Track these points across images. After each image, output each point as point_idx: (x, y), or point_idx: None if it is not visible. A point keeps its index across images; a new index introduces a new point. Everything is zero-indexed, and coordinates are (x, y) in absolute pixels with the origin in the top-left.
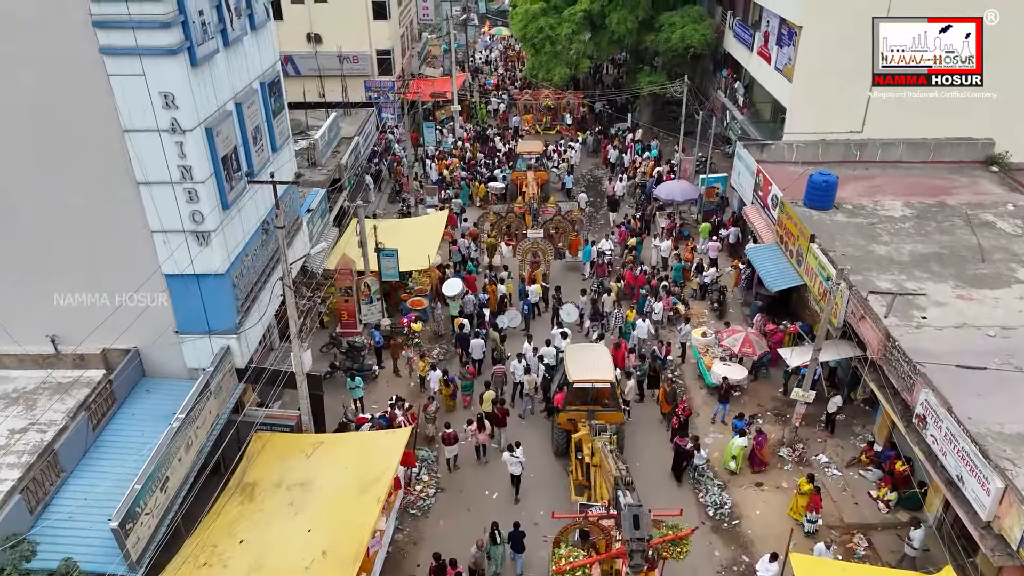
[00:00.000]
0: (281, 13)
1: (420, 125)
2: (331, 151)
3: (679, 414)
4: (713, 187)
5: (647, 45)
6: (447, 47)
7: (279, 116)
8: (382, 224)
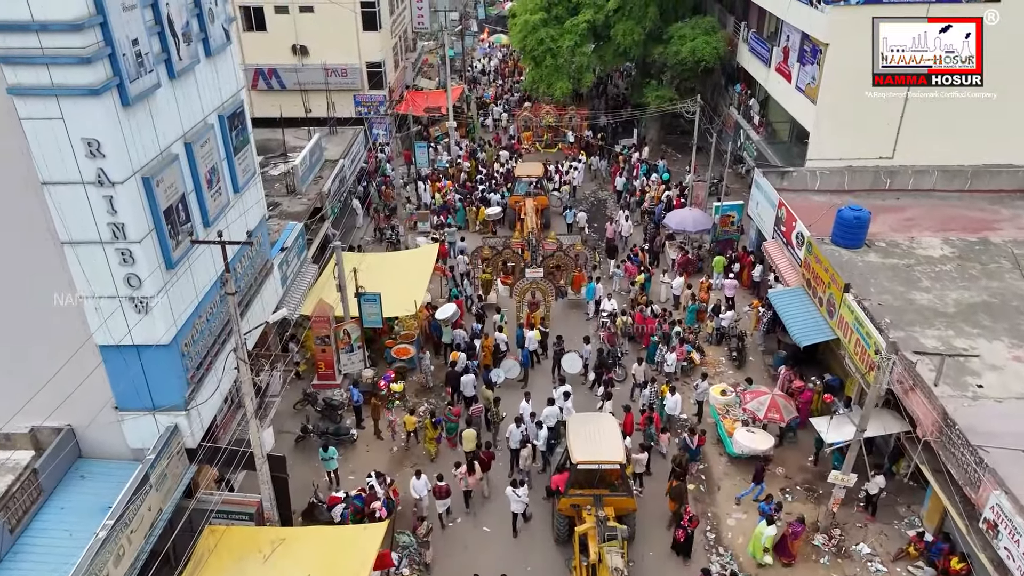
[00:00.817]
0: (264, 24)
1: (412, 143)
2: (313, 176)
3: (685, 527)
4: (728, 215)
5: (655, 58)
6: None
7: (242, 152)
8: (367, 259)
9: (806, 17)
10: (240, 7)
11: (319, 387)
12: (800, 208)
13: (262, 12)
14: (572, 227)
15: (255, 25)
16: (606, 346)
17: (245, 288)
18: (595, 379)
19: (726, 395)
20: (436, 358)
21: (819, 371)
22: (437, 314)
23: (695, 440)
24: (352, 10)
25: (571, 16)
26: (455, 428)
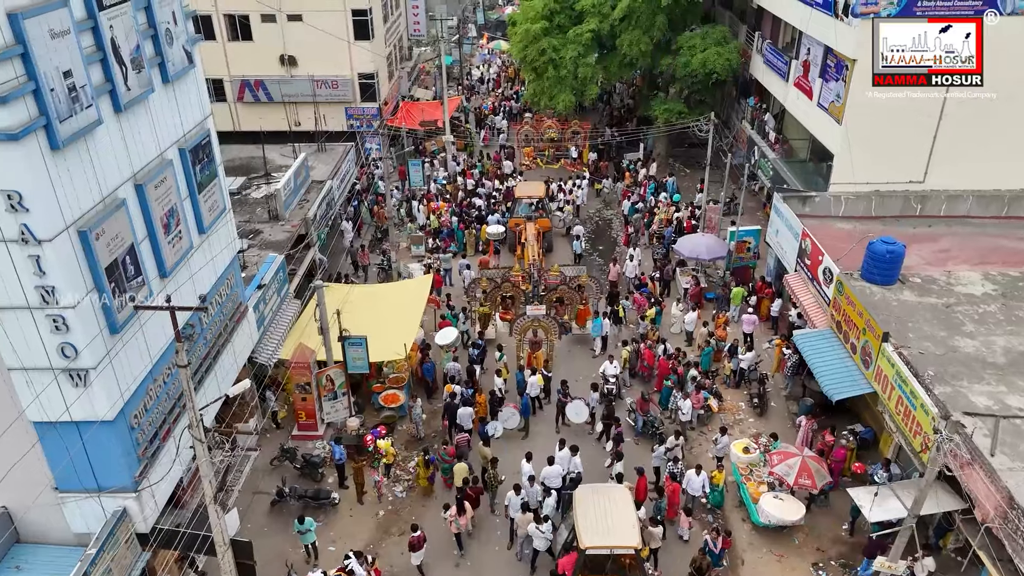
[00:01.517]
0: (250, 33)
1: (406, 161)
2: (298, 200)
3: None
4: (744, 241)
5: (663, 69)
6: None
7: (209, 187)
8: (355, 292)
9: (830, 30)
10: (225, 15)
11: (299, 438)
12: (824, 237)
13: (248, 21)
14: (580, 258)
15: (240, 35)
16: (639, 415)
17: (212, 339)
18: (603, 431)
19: (749, 452)
20: (428, 402)
21: (848, 419)
22: (437, 339)
23: (719, 542)
24: (343, 19)
25: (574, 25)
26: (449, 468)
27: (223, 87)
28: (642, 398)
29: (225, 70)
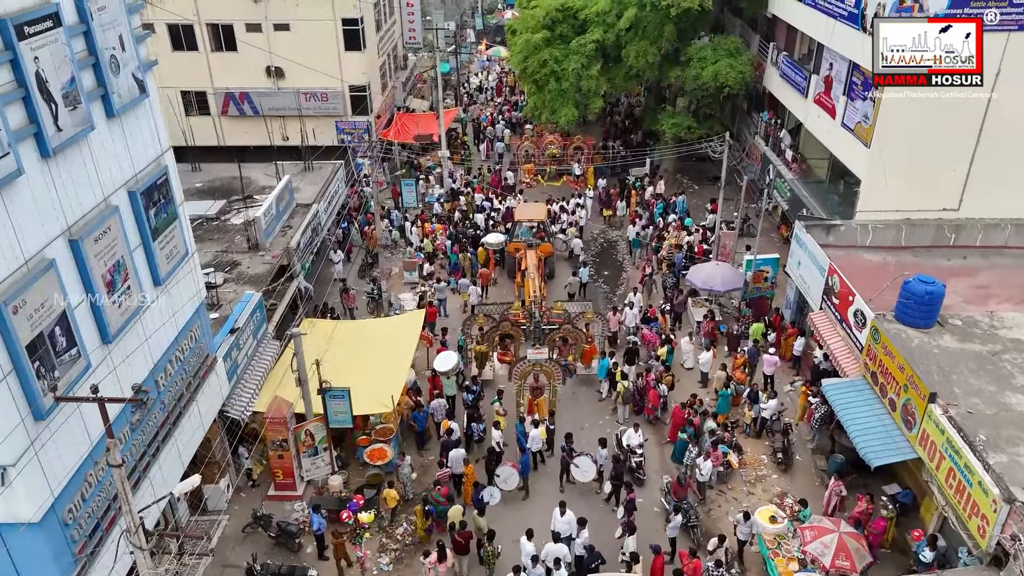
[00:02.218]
0: (234, 43)
1: (399, 180)
2: (281, 226)
3: None
4: (762, 271)
5: (671, 81)
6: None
7: (167, 232)
8: (341, 328)
9: (857, 47)
10: (207, 25)
11: (275, 499)
12: (851, 269)
13: (232, 31)
14: (585, 288)
15: (224, 45)
16: (671, 500)
17: (172, 402)
18: (611, 492)
19: (776, 522)
20: (420, 454)
21: (882, 478)
22: (436, 364)
23: None
24: (333, 28)
25: (577, 35)
26: (444, 512)
27: (206, 100)
28: (678, 482)
29: (208, 82)
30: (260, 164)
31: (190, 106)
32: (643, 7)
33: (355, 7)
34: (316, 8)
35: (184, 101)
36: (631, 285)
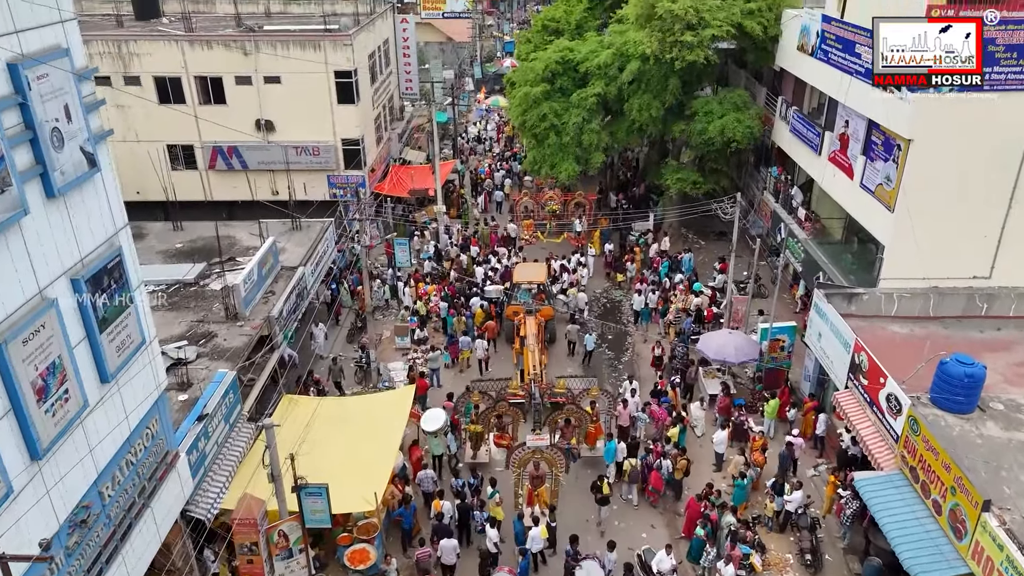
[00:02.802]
0: (223, 96)
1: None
2: (263, 292)
3: None
4: (778, 339)
5: (676, 136)
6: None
7: (119, 320)
8: (323, 406)
9: (878, 105)
10: (196, 77)
11: None
12: (877, 343)
13: (221, 83)
14: (590, 356)
15: (213, 98)
16: None
17: (118, 517)
18: None
19: None
20: (406, 554)
21: None
22: (423, 424)
23: None
24: (325, 81)
25: (578, 88)
26: None
27: (193, 154)
28: None
29: (196, 135)
30: (246, 223)
31: (176, 160)
32: (646, 60)
33: (348, 60)
34: (308, 61)
35: (170, 155)
36: (636, 350)
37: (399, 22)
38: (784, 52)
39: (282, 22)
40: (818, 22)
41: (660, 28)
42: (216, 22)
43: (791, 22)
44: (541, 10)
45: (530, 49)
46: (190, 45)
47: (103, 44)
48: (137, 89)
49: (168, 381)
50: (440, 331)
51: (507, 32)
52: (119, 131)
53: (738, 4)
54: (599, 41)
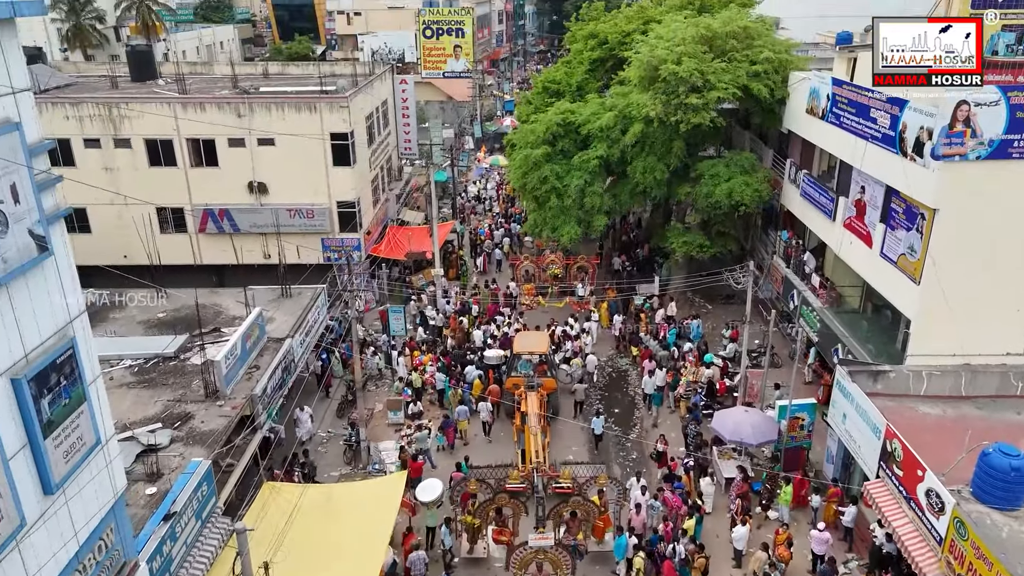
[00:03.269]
0: (216, 159)
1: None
2: (247, 367)
3: None
4: (797, 417)
5: (681, 199)
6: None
7: (69, 421)
8: (309, 495)
9: (898, 172)
10: (188, 140)
11: None
12: (907, 425)
13: (213, 145)
14: (600, 440)
15: (205, 160)
16: None
17: None
18: None
19: None
20: None
21: None
22: (418, 494)
23: None
24: (321, 143)
25: (580, 150)
26: None
27: (183, 217)
28: None
29: (187, 198)
30: (233, 290)
31: (166, 224)
32: (650, 123)
33: (345, 122)
34: (303, 123)
35: (160, 218)
36: (645, 425)
37: (398, 83)
38: (792, 114)
39: (280, 83)
40: (828, 85)
41: (664, 90)
42: (212, 83)
43: (799, 85)
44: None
45: (530, 111)
46: (183, 107)
47: (93, 107)
48: (127, 152)
49: (136, 471)
50: (436, 404)
51: (507, 91)
52: (107, 194)
53: (743, 66)
54: (601, 103)
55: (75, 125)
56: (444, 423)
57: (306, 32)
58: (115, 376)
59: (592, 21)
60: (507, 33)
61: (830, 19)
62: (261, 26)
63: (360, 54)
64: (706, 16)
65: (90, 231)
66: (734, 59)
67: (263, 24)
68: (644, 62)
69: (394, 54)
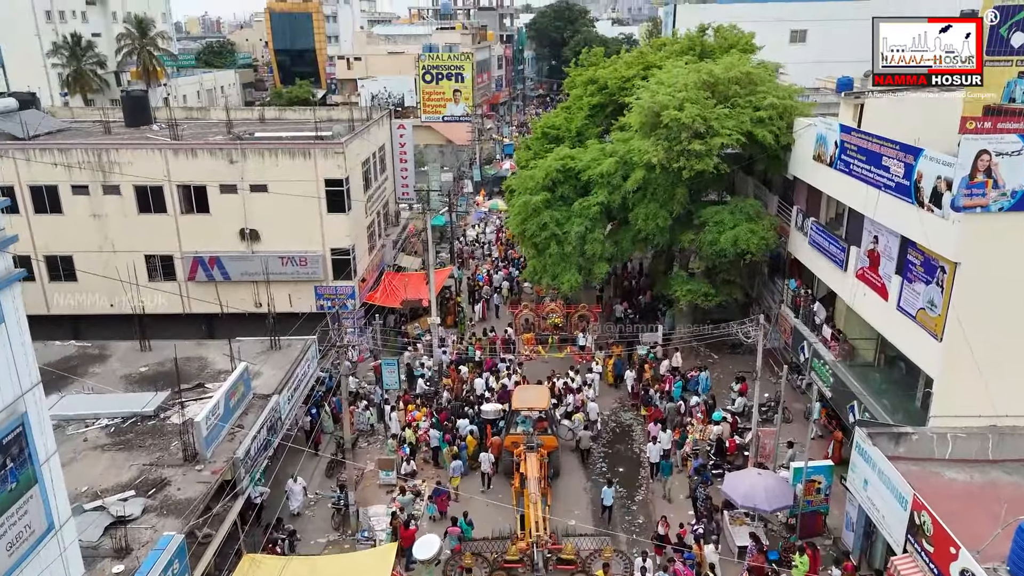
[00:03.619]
0: (207, 205)
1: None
2: (230, 427)
3: None
4: (814, 481)
5: (684, 246)
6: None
7: (14, 509)
8: (291, 569)
9: (914, 223)
10: (179, 186)
11: None
12: (934, 493)
13: (205, 192)
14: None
15: (196, 207)
16: None
17: None
18: None
19: None
20: None
21: None
22: (415, 552)
23: None
24: (315, 189)
25: (580, 196)
26: None
27: (172, 265)
28: None
29: (176, 246)
30: (220, 342)
31: (154, 271)
32: (652, 169)
33: (340, 168)
34: (297, 169)
35: (148, 266)
36: (652, 492)
37: (396, 128)
38: (797, 161)
39: (276, 128)
40: (836, 132)
41: (666, 137)
42: (207, 128)
43: (805, 131)
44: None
45: (530, 156)
46: (174, 153)
47: (82, 153)
48: (116, 198)
49: (103, 545)
50: (430, 462)
51: (506, 135)
52: (95, 242)
53: (747, 112)
54: (601, 149)
55: (63, 171)
56: (435, 491)
57: (307, 76)
58: (89, 437)
59: (592, 66)
60: (506, 77)
61: (827, 64)
62: (263, 70)
63: (359, 98)
64: (707, 62)
65: (76, 279)
66: (737, 105)
67: (265, 69)
68: (646, 108)
69: (394, 98)
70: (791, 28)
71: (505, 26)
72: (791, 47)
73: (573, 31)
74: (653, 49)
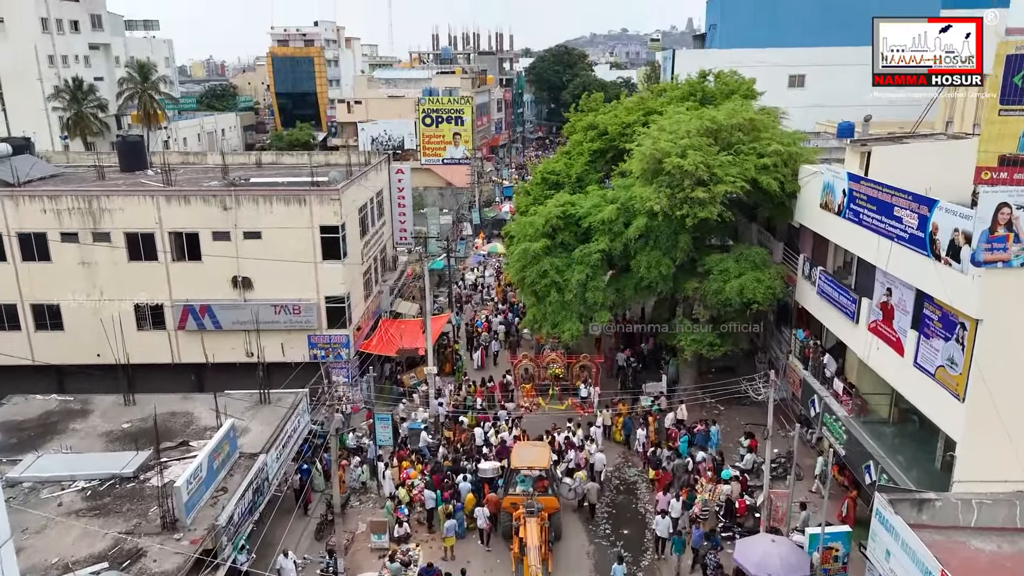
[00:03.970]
0: (199, 252)
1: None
2: (213, 489)
3: None
4: (831, 548)
5: (688, 294)
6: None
7: None
8: None
9: (931, 277)
10: (170, 233)
11: None
12: (960, 565)
13: (197, 239)
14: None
15: (187, 254)
16: None
17: None
18: None
19: None
20: None
21: None
22: None
23: None
24: (310, 236)
25: (580, 243)
26: None
27: (162, 313)
28: None
29: (167, 294)
30: (207, 395)
31: (143, 320)
32: (654, 216)
33: (336, 214)
34: (292, 215)
35: (137, 315)
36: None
37: (395, 172)
38: (803, 209)
39: (273, 173)
40: (844, 180)
41: (669, 184)
42: (203, 173)
43: (811, 179)
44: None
45: (529, 202)
46: (166, 200)
47: (72, 200)
48: (106, 246)
49: None
50: (424, 524)
51: (506, 177)
52: (84, 290)
53: (751, 159)
54: (602, 195)
55: (52, 218)
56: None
57: (308, 119)
58: (64, 501)
59: (591, 112)
60: (506, 120)
61: (826, 108)
62: (264, 114)
63: (359, 141)
64: (709, 108)
65: (63, 328)
66: (741, 152)
67: (266, 112)
68: (647, 154)
69: (393, 141)
70: (789, 73)
71: (505, 70)
72: (790, 91)
73: (572, 75)
74: (654, 95)
